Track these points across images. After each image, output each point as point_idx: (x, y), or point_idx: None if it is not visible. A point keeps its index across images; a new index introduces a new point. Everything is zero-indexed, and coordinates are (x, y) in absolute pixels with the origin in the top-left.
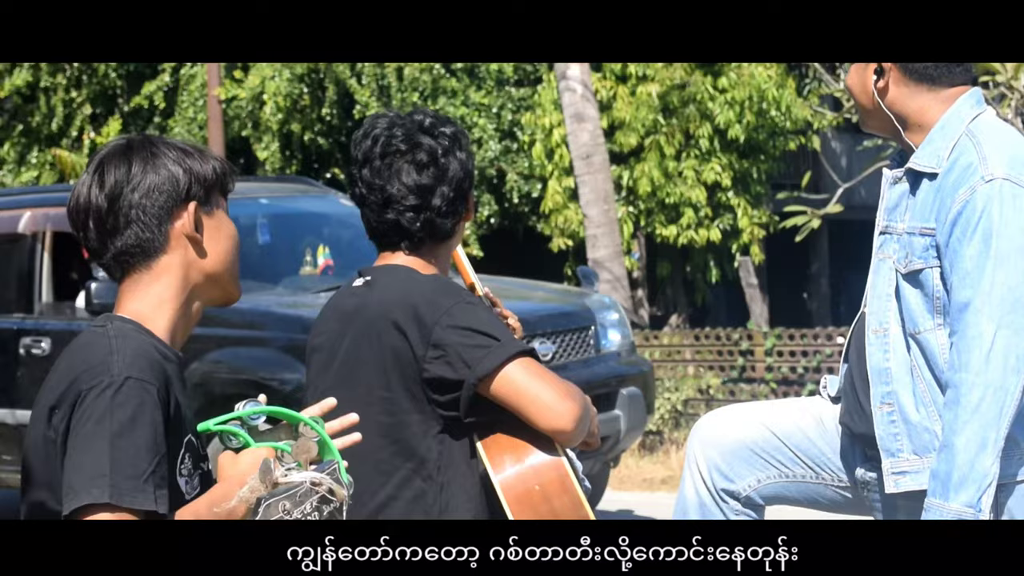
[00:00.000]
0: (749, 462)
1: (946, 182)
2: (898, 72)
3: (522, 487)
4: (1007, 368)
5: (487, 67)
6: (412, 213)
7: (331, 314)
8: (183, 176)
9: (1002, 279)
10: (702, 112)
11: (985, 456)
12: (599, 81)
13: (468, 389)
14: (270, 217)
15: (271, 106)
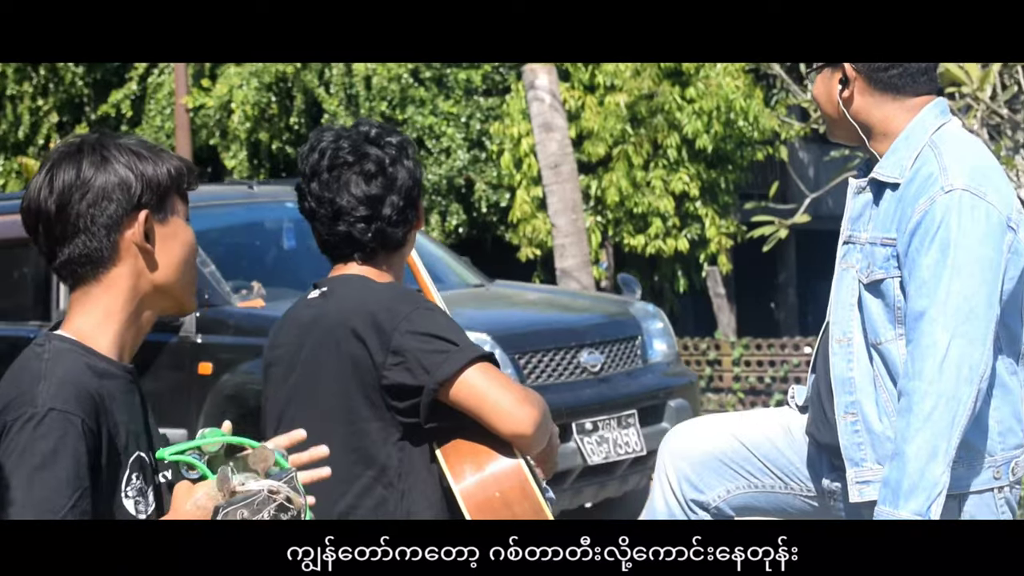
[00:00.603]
0: (718, 473)
1: (907, 192)
2: (863, 82)
3: (482, 495)
4: (960, 378)
5: (455, 76)
6: (363, 224)
7: (287, 327)
8: (135, 182)
9: (958, 289)
10: (670, 122)
11: (936, 465)
12: (567, 91)
13: (428, 395)
14: (296, 221)
15: (239, 115)
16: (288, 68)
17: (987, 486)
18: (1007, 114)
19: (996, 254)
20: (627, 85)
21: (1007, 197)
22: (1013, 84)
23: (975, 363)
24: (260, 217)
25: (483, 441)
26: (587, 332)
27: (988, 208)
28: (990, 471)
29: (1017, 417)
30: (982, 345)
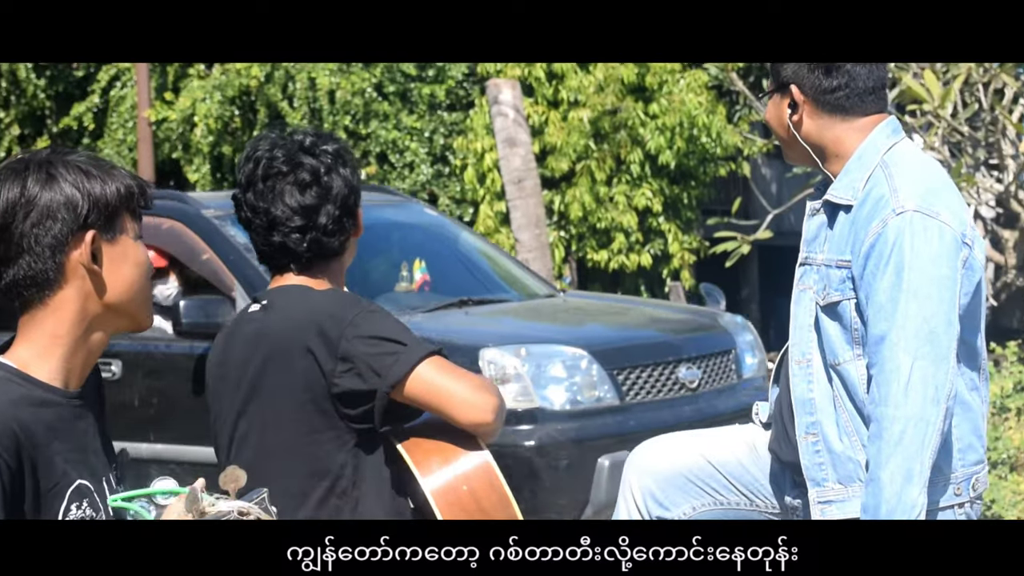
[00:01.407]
0: (684, 490)
1: (860, 214)
2: (811, 104)
3: (453, 493)
4: (926, 399)
5: (419, 90)
6: (298, 234)
7: (230, 342)
8: (81, 201)
9: (915, 311)
10: (633, 138)
11: (912, 487)
12: (531, 106)
13: (381, 398)
14: None
15: (202, 128)
16: (251, 82)
17: (948, 503)
18: (968, 131)
19: (951, 272)
20: (590, 100)
21: (960, 214)
22: (974, 102)
23: (940, 383)
24: None
25: (443, 435)
26: (684, 346)
27: (941, 227)
28: (951, 488)
29: (977, 433)
30: (946, 364)
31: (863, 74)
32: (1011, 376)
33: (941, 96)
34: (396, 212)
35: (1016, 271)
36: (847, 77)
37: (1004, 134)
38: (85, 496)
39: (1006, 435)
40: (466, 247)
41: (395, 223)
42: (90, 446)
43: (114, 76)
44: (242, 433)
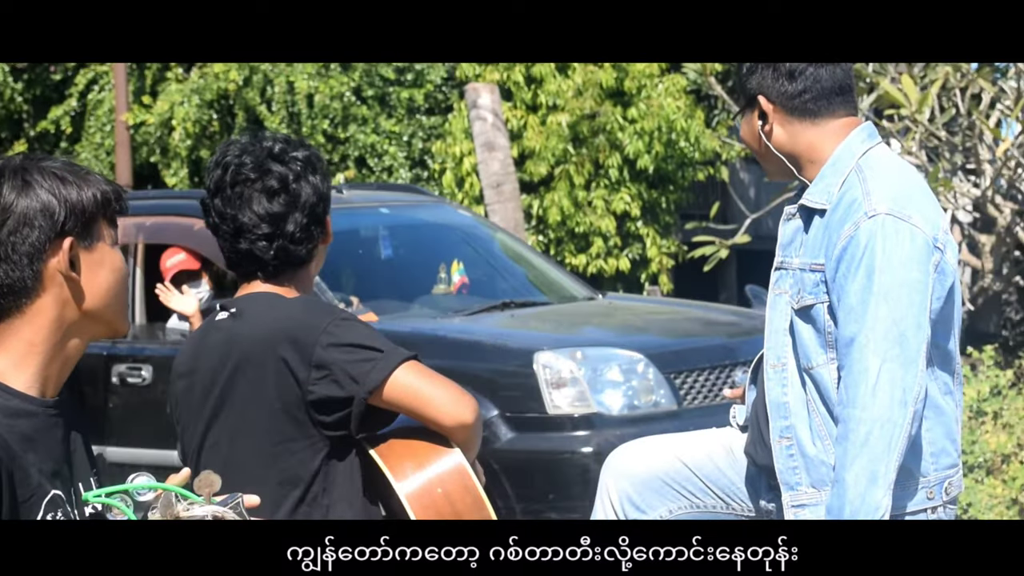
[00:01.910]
0: (660, 493)
1: (833, 218)
2: (780, 112)
3: (427, 496)
4: (894, 401)
5: (398, 94)
6: (264, 242)
7: (198, 351)
8: (58, 208)
9: (885, 313)
10: (612, 142)
11: (876, 489)
12: (510, 110)
13: (359, 404)
14: (391, 229)
15: (180, 132)
16: (230, 85)
17: (921, 507)
18: (945, 136)
19: (923, 276)
20: (569, 105)
21: (933, 218)
22: (951, 107)
23: (908, 385)
24: (355, 224)
25: (417, 441)
26: (739, 350)
27: (912, 230)
28: (924, 492)
29: (950, 437)
30: (914, 367)
31: (826, 75)
32: (988, 380)
33: (919, 101)
34: (428, 213)
35: (993, 275)
36: (811, 80)
37: (981, 139)
38: (59, 506)
39: (983, 439)
40: (499, 248)
41: (427, 224)
42: (65, 455)
43: (92, 80)
44: (212, 442)
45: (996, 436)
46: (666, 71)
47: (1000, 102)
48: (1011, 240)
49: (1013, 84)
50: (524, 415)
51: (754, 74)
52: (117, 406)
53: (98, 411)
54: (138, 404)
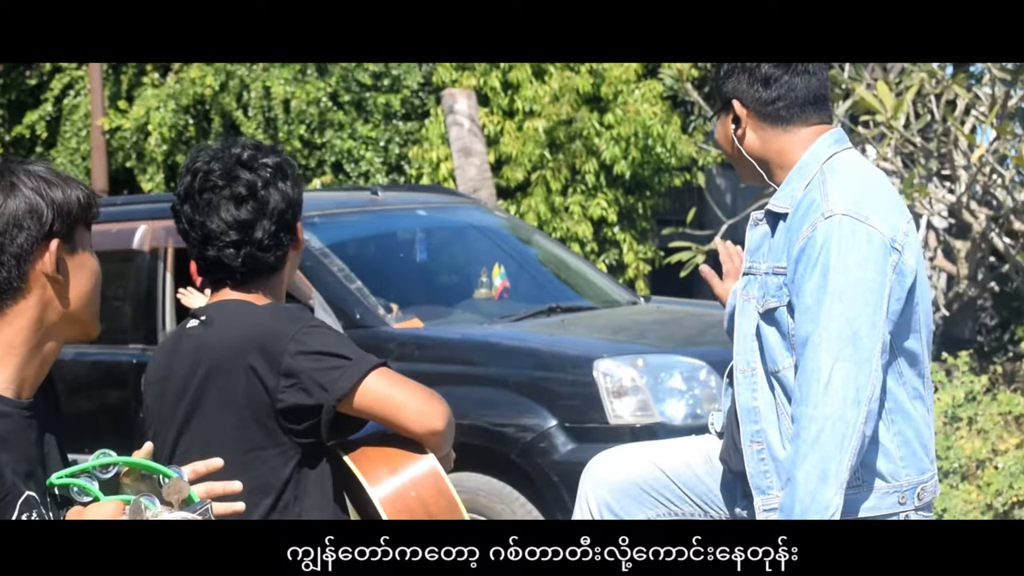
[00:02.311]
0: (639, 500)
1: (794, 221)
2: (753, 118)
3: (401, 500)
4: (847, 400)
5: (374, 100)
6: (232, 249)
7: (169, 358)
8: (45, 210)
9: (839, 313)
10: (588, 148)
11: (827, 488)
12: (486, 116)
13: (328, 412)
14: (427, 231)
15: (156, 137)
16: (206, 90)
17: (892, 511)
18: (920, 143)
19: (879, 276)
20: (546, 111)
21: (892, 220)
22: (926, 113)
23: (861, 384)
24: (392, 227)
25: (390, 445)
26: None
27: (869, 231)
28: (895, 496)
29: (921, 442)
30: (868, 366)
31: (801, 84)
32: (963, 386)
33: (894, 107)
34: (463, 215)
35: (968, 281)
36: (785, 87)
37: (956, 145)
38: (34, 507)
39: (957, 444)
40: (536, 250)
41: (464, 226)
42: (39, 457)
43: (67, 84)
44: (183, 450)
45: (971, 442)
46: (642, 77)
47: (975, 108)
48: (986, 246)
49: (988, 90)
50: (584, 425)
51: (730, 78)
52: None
53: (126, 419)
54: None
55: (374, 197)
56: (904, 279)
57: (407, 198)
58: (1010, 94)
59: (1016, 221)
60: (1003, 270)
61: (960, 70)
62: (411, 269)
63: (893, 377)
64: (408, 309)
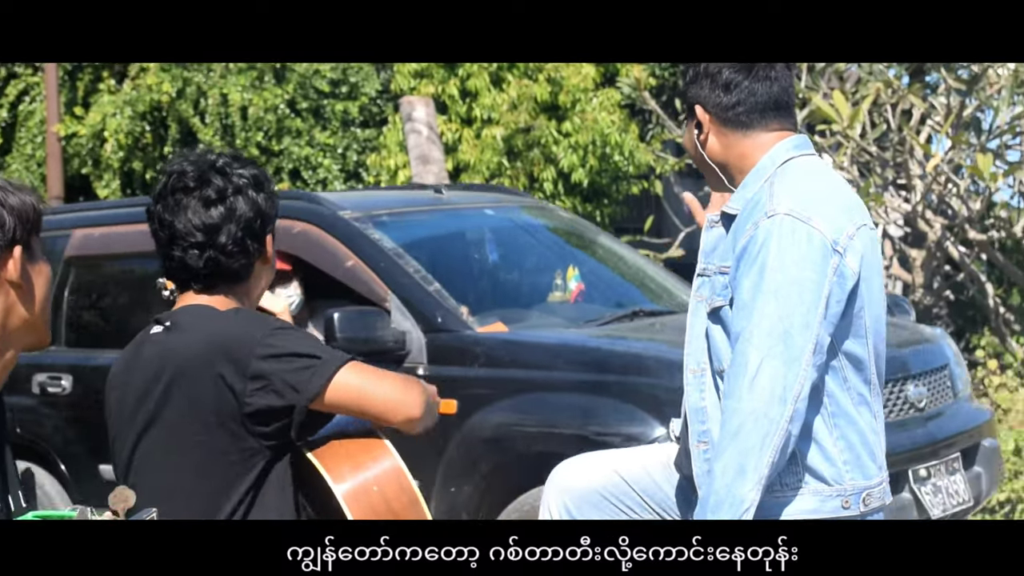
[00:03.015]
0: (599, 507)
1: (740, 220)
2: (715, 123)
3: (364, 496)
4: (773, 396)
5: (332, 107)
6: (196, 251)
7: (132, 363)
8: (7, 218)
9: (772, 310)
10: (546, 156)
11: (743, 483)
12: (444, 123)
13: (300, 413)
14: (495, 231)
15: (112, 144)
16: (163, 97)
17: (834, 515)
18: (876, 152)
19: (816, 276)
20: (504, 118)
21: (837, 222)
22: (882, 123)
23: (789, 383)
24: (460, 227)
25: (353, 443)
26: (909, 361)
27: (810, 231)
28: (838, 500)
29: (867, 448)
30: (797, 365)
31: (761, 90)
32: None
33: (850, 116)
34: (529, 214)
35: (924, 290)
36: (746, 93)
37: (912, 154)
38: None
39: None
40: (602, 251)
41: (530, 226)
42: None
43: (23, 90)
44: (142, 454)
45: None
46: (600, 85)
47: (930, 118)
48: (941, 255)
49: (943, 100)
50: None
51: (693, 84)
52: None
53: None
54: None
55: (438, 196)
56: (845, 282)
57: (472, 197)
58: (965, 104)
59: (971, 230)
60: (958, 279)
61: (916, 80)
62: (482, 271)
63: (836, 381)
64: (483, 313)
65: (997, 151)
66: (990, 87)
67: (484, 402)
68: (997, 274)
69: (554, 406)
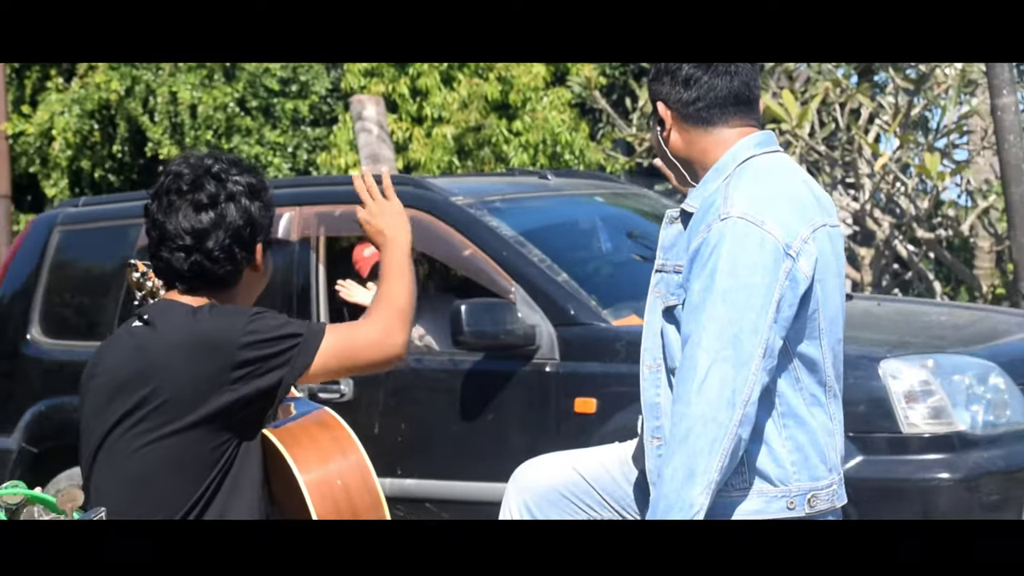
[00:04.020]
0: (558, 506)
1: (695, 220)
2: (676, 119)
3: (327, 486)
4: (721, 400)
5: (282, 106)
6: (182, 254)
7: (109, 356)
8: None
9: (721, 313)
10: (497, 155)
11: (692, 487)
12: (395, 122)
13: (285, 388)
14: (605, 219)
15: (60, 142)
16: (111, 96)
17: (780, 515)
18: (825, 151)
19: (767, 280)
20: (454, 117)
21: (791, 225)
22: (831, 122)
23: (738, 387)
24: (573, 214)
25: (322, 437)
26: None
27: (763, 235)
28: (783, 501)
29: (817, 449)
30: (746, 369)
31: (721, 85)
32: None
33: (799, 116)
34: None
35: (872, 288)
36: (705, 88)
37: (860, 154)
38: None
39: None
40: None
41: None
42: None
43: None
44: (109, 446)
45: None
46: (550, 84)
47: (879, 117)
48: (890, 253)
49: (891, 100)
50: (872, 435)
51: (655, 81)
52: None
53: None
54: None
55: (544, 182)
56: (797, 286)
57: (580, 183)
58: (913, 103)
59: (919, 229)
60: (906, 277)
61: (864, 80)
62: (601, 260)
63: (789, 382)
64: (615, 305)
65: (944, 150)
66: (937, 87)
67: (628, 401)
68: (945, 272)
69: None
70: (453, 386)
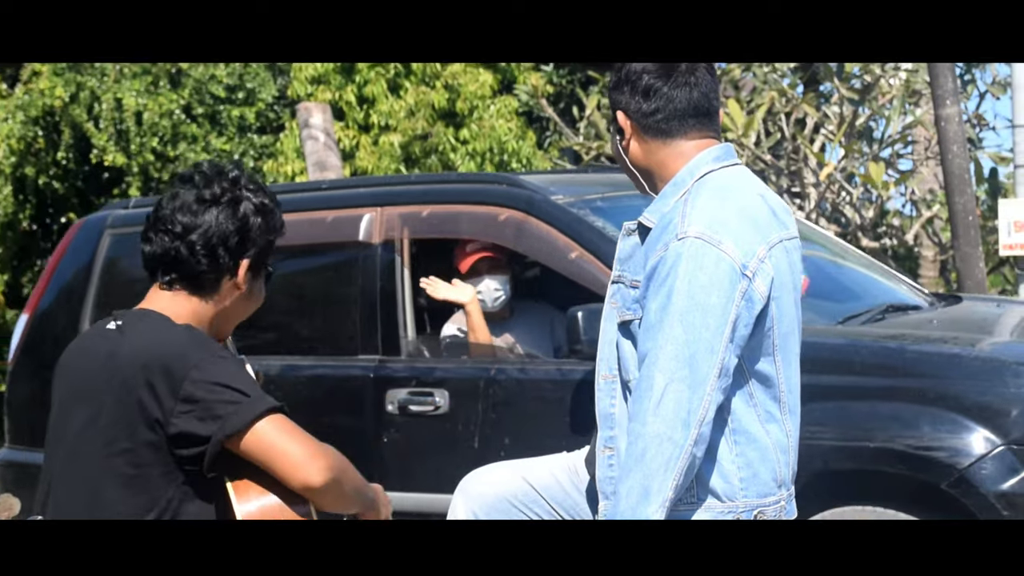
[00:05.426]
0: (507, 514)
1: (652, 237)
2: (636, 130)
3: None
4: (677, 420)
5: (229, 113)
6: (167, 238)
7: (82, 354)
8: None
9: (678, 334)
10: (444, 163)
11: (647, 505)
12: (342, 130)
13: (215, 445)
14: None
15: (4, 149)
16: (56, 102)
17: None
18: (771, 160)
19: (723, 301)
20: (401, 125)
21: (748, 245)
22: (777, 131)
23: (694, 407)
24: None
25: (276, 486)
26: None
27: (719, 256)
28: (729, 517)
29: (767, 465)
30: (702, 389)
31: (681, 96)
32: None
33: (745, 125)
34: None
35: None
36: (664, 100)
37: (805, 163)
38: None
39: None
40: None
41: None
42: None
43: None
44: (69, 451)
45: None
46: (498, 92)
47: (824, 127)
48: None
49: (836, 109)
50: None
51: (615, 90)
52: (399, 439)
53: (364, 443)
54: (428, 438)
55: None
56: (753, 306)
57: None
58: (858, 113)
59: (864, 238)
60: None
61: (810, 89)
62: None
63: (742, 399)
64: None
65: (889, 160)
66: (882, 97)
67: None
68: None
69: (858, 415)
70: (561, 396)
